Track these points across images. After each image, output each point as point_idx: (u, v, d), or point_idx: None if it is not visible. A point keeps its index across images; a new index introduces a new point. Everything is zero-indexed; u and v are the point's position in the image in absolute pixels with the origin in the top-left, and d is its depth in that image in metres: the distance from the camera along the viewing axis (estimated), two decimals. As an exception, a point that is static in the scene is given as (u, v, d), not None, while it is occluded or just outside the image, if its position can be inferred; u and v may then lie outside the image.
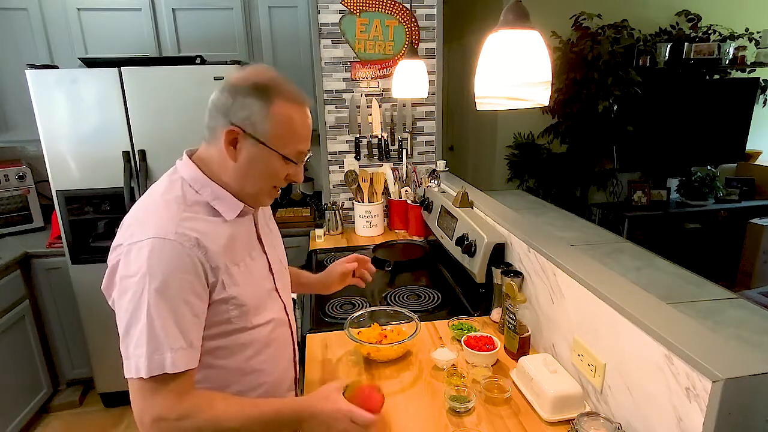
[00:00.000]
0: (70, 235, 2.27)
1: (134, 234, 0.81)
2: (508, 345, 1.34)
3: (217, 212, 0.90)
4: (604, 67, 3.27)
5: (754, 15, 3.78)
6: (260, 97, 0.85)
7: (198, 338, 0.84)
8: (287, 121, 0.88)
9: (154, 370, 0.77)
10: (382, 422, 1.07)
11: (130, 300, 0.78)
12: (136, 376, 0.77)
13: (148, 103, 2.19)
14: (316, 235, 2.42)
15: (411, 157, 2.59)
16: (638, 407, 0.93)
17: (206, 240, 0.84)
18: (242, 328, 0.93)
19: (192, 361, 0.81)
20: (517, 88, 0.84)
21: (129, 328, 0.79)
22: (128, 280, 0.79)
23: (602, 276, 1.10)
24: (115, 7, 2.42)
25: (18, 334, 2.27)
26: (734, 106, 3.77)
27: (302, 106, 0.90)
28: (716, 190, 3.82)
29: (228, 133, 0.86)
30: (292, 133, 0.89)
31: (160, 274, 0.78)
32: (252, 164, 0.89)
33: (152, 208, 0.86)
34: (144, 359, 0.77)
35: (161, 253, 0.79)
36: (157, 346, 0.77)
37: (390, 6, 2.38)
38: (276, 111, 0.86)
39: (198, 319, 0.84)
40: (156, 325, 0.77)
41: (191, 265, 0.81)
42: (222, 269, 0.86)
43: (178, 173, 0.92)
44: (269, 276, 1.03)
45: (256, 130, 0.86)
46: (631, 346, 0.93)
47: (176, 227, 0.81)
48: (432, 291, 1.75)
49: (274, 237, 1.11)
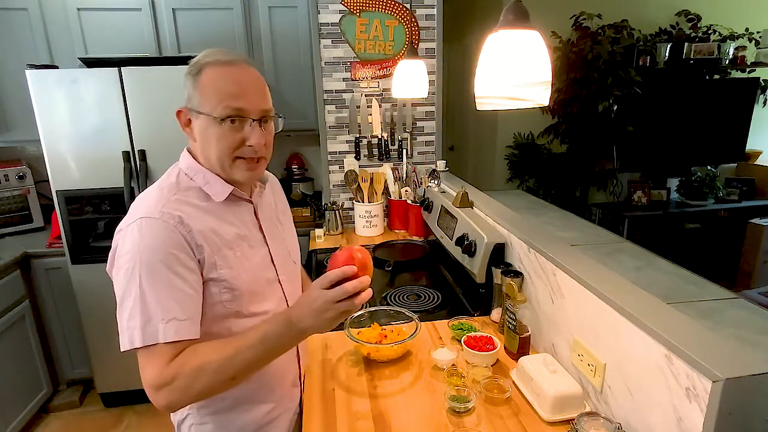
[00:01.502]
0: (70, 235, 2.27)
1: (129, 217, 0.87)
2: (508, 345, 1.34)
3: (209, 197, 0.94)
4: (604, 67, 3.27)
5: (754, 15, 3.78)
6: (192, 72, 0.91)
7: (192, 310, 0.85)
8: (212, 83, 0.89)
9: (148, 339, 0.80)
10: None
11: (123, 275, 0.83)
12: (131, 347, 0.81)
13: (148, 103, 2.19)
14: (316, 235, 2.42)
15: (411, 157, 2.59)
16: (638, 407, 0.93)
17: (191, 219, 0.88)
18: (237, 314, 0.94)
19: (186, 332, 0.83)
20: (517, 88, 0.84)
21: (123, 300, 0.83)
22: (122, 257, 0.84)
23: (602, 276, 1.10)
24: (115, 7, 2.42)
25: (18, 334, 2.27)
26: (734, 106, 3.77)
27: (230, 65, 0.91)
28: (716, 190, 3.82)
29: (178, 115, 0.95)
30: (218, 91, 0.89)
31: (148, 250, 0.83)
32: (203, 137, 0.92)
33: (148, 194, 0.92)
34: (138, 330, 0.80)
35: (148, 230, 0.84)
36: (150, 318, 0.81)
37: (390, 6, 2.37)
38: (202, 78, 0.90)
39: (191, 291, 0.86)
40: (147, 298, 0.81)
41: (177, 240, 0.85)
42: (209, 250, 0.89)
43: (178, 165, 0.98)
44: (270, 266, 1.03)
45: (192, 103, 0.91)
46: (631, 346, 0.93)
47: (162, 207, 0.86)
48: (432, 291, 1.75)
49: (284, 230, 1.13)
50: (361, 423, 1.07)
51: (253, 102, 0.91)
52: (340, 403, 1.15)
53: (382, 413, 1.11)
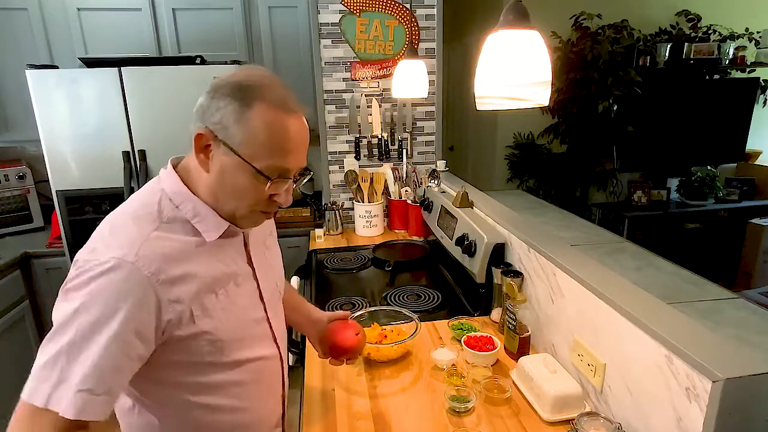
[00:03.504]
0: (70, 235, 2.27)
1: (95, 250, 0.72)
2: (508, 345, 1.34)
3: (196, 231, 0.79)
4: (604, 67, 3.27)
5: (754, 15, 3.78)
6: (238, 98, 0.74)
7: (120, 383, 0.72)
8: (266, 128, 0.74)
9: (51, 403, 0.65)
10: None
11: (63, 314, 0.69)
12: (28, 401, 0.66)
13: (148, 103, 2.19)
14: (316, 235, 2.42)
15: (411, 157, 2.59)
16: (638, 407, 0.93)
17: (170, 264, 0.74)
18: (220, 365, 0.82)
19: (92, 411, 0.67)
20: (517, 88, 0.84)
21: (49, 342, 0.68)
22: (72, 293, 0.69)
23: (602, 276, 1.10)
24: (115, 7, 2.42)
25: (18, 334, 2.27)
26: (734, 106, 3.77)
27: (291, 114, 0.77)
28: (716, 190, 3.82)
29: (198, 137, 0.76)
30: (270, 143, 0.75)
31: (105, 302, 0.68)
32: (223, 176, 0.77)
33: (122, 224, 0.77)
34: (47, 386, 0.66)
35: (115, 277, 0.69)
36: (65, 378, 0.66)
37: (390, 6, 2.37)
38: (254, 115, 0.73)
39: (130, 362, 0.71)
40: (76, 356, 0.67)
41: (144, 297, 0.71)
42: (188, 301, 0.75)
43: (160, 184, 0.82)
44: (259, 305, 0.91)
45: (227, 134, 0.74)
46: (631, 346, 0.93)
47: (139, 248, 0.71)
48: (432, 291, 1.75)
49: (272, 257, 1.00)
50: (361, 423, 1.08)
51: (298, 161, 0.80)
52: (340, 403, 1.15)
53: (382, 413, 1.11)
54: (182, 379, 0.81)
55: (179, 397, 0.82)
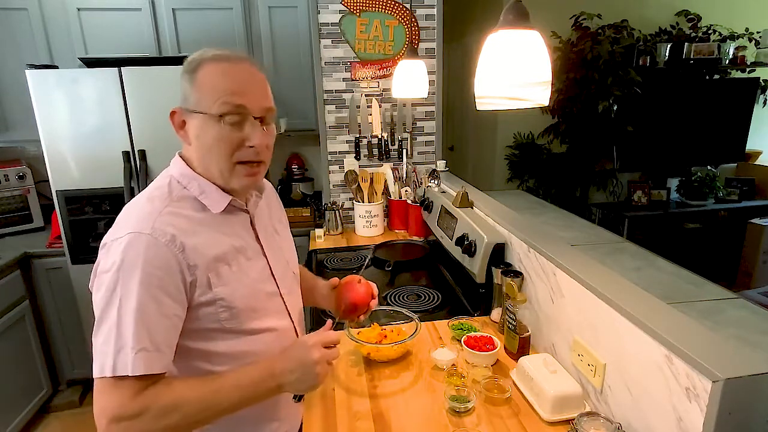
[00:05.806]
0: (70, 235, 2.27)
1: (116, 231, 0.80)
2: (508, 345, 1.34)
3: (204, 207, 0.88)
4: (604, 67, 3.27)
5: (754, 15, 3.78)
6: (188, 71, 0.86)
7: (167, 341, 0.79)
8: (210, 79, 0.84)
9: (118, 370, 0.74)
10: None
11: (103, 295, 0.77)
12: (101, 375, 0.76)
13: (148, 103, 2.19)
14: (316, 235, 2.42)
15: (411, 157, 2.59)
16: (638, 407, 0.93)
17: (184, 235, 0.81)
18: (238, 332, 0.89)
19: (153, 365, 0.76)
20: (517, 88, 0.85)
21: (100, 323, 0.78)
22: (103, 275, 0.78)
23: (602, 276, 1.10)
24: (115, 7, 2.42)
25: (18, 334, 2.27)
26: (734, 106, 3.77)
27: (230, 61, 0.86)
28: (716, 190, 3.82)
29: (171, 116, 0.89)
30: (216, 88, 0.83)
31: (131, 270, 0.76)
32: (199, 139, 0.86)
33: (137, 205, 0.85)
34: (110, 358, 0.75)
35: (135, 248, 0.77)
36: (122, 346, 0.75)
37: (390, 6, 2.37)
38: (199, 75, 0.84)
39: (168, 320, 0.79)
40: (124, 324, 0.75)
41: (166, 261, 0.78)
42: (203, 267, 0.83)
43: (169, 171, 0.92)
44: (270, 279, 0.97)
45: (189, 102, 0.85)
46: (631, 346, 0.93)
47: (154, 222, 0.79)
48: (432, 291, 1.75)
49: (282, 239, 1.07)
50: (361, 423, 1.07)
51: (254, 99, 0.86)
52: (340, 403, 1.15)
53: (382, 413, 1.11)
54: (205, 347, 0.87)
55: (203, 367, 0.87)
